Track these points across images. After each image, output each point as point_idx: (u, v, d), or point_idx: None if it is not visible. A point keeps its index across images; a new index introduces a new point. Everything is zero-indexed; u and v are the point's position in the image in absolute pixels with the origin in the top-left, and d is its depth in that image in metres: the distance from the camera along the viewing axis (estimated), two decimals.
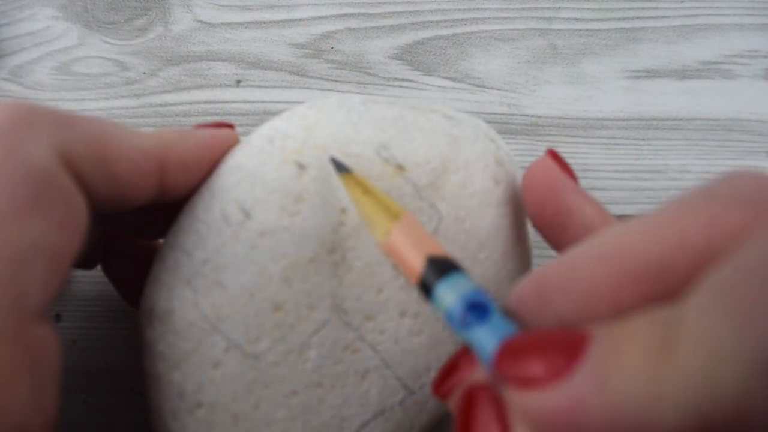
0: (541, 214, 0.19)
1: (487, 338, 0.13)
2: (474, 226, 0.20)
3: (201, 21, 0.30)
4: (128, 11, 0.30)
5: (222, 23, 0.30)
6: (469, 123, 0.21)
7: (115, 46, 0.30)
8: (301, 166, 0.19)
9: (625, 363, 0.10)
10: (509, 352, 0.12)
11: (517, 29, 0.31)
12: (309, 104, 0.20)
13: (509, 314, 0.13)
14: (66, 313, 0.26)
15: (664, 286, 0.12)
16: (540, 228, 0.20)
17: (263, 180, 0.19)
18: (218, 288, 0.18)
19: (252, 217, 0.18)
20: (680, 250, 0.11)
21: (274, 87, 0.30)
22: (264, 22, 0.31)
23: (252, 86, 0.30)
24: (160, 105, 0.29)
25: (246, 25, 0.31)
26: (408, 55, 0.31)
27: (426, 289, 0.14)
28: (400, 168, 0.19)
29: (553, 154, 0.20)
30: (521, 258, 0.21)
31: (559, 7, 0.32)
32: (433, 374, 0.20)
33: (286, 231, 0.18)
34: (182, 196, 0.19)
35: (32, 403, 0.14)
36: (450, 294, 0.13)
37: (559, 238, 0.19)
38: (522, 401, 0.12)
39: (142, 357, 0.19)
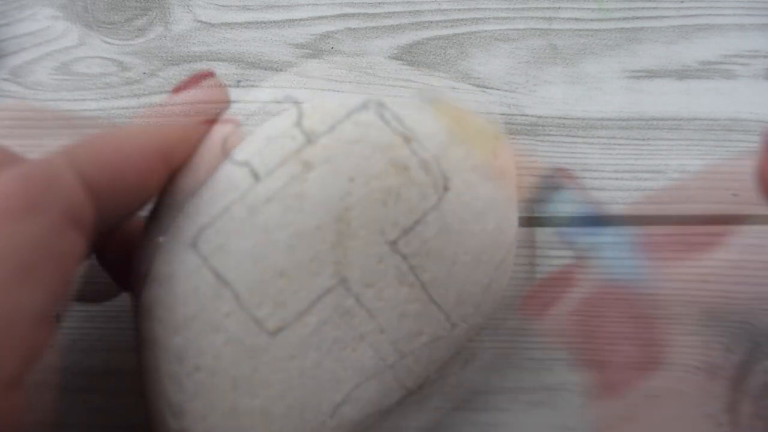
0: None
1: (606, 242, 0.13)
2: (474, 198, 0.20)
3: (201, 21, 0.30)
4: (128, 11, 0.30)
5: (222, 23, 0.30)
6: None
7: (115, 46, 0.30)
8: (312, 133, 0.19)
9: None
10: None
11: (517, 29, 0.31)
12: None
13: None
14: (66, 313, 0.26)
15: None
16: None
17: (272, 146, 0.19)
18: (222, 253, 0.18)
19: (260, 182, 0.18)
20: None
21: (274, 87, 0.30)
22: (264, 22, 0.31)
23: (252, 86, 0.30)
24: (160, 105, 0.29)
25: (246, 25, 0.31)
26: (408, 55, 0.31)
27: (538, 203, 0.14)
28: (407, 139, 0.20)
29: None
30: (513, 227, 0.22)
31: (559, 7, 0.32)
32: (424, 338, 0.21)
33: (293, 198, 0.18)
34: None
35: (31, 403, 0.14)
36: (562, 207, 0.14)
37: None
38: None
39: (136, 321, 0.19)
